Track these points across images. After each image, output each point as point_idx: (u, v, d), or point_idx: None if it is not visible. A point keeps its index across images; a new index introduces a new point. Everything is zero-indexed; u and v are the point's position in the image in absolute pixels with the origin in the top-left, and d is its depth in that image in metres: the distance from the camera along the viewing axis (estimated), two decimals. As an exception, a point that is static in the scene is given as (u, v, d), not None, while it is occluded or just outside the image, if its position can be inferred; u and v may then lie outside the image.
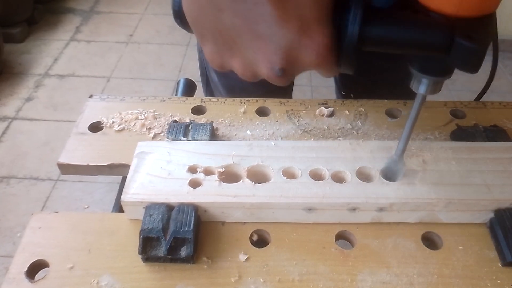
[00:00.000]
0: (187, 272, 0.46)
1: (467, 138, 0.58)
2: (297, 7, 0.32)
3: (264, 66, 0.35)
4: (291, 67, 0.35)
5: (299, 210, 0.49)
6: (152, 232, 0.46)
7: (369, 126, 0.62)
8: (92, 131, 0.62)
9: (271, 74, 0.35)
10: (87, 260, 0.47)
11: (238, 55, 0.36)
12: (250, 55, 0.35)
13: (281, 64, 0.34)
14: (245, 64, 0.36)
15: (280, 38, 0.33)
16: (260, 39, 0.33)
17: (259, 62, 0.35)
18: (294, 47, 0.33)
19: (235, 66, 0.37)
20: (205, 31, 0.35)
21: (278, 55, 0.34)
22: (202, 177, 0.51)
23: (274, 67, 0.34)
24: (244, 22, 0.33)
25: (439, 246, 0.49)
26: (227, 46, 0.35)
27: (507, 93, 2.07)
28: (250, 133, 0.61)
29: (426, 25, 0.35)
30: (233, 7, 0.32)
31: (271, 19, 0.32)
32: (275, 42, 0.33)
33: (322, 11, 0.33)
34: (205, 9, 0.33)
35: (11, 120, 1.95)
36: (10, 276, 0.46)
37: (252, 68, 0.36)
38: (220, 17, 0.33)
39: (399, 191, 0.49)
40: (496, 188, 0.49)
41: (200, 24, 0.35)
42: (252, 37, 0.33)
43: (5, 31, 2.28)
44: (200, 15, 0.34)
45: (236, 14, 0.33)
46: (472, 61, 0.34)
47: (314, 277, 0.46)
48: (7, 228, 1.53)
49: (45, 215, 0.52)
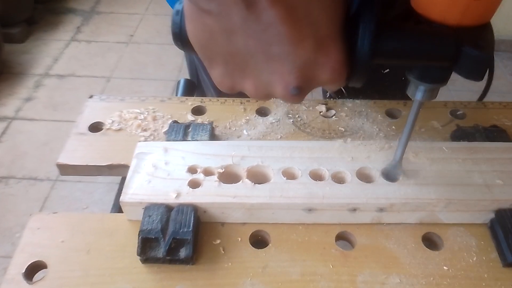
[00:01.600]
0: (186, 273, 0.46)
1: (467, 138, 0.57)
2: (311, 25, 0.31)
3: (279, 86, 0.34)
4: (306, 85, 0.35)
5: (299, 211, 0.49)
6: (151, 233, 0.46)
7: (369, 126, 0.62)
8: (92, 131, 0.62)
9: (287, 94, 0.35)
10: (86, 261, 0.47)
11: (251, 76, 0.35)
12: (264, 76, 0.34)
13: (296, 83, 0.34)
14: (258, 85, 0.35)
15: (295, 57, 0.32)
16: (274, 60, 0.33)
17: (273, 83, 0.34)
18: (310, 65, 0.33)
19: (247, 88, 0.36)
20: (215, 55, 0.34)
21: (294, 74, 0.33)
22: (201, 177, 0.51)
23: (290, 86, 0.34)
24: (258, 44, 0.32)
25: (440, 246, 0.49)
26: (238, 69, 0.34)
27: (507, 93, 2.07)
28: (250, 133, 0.61)
29: (434, 37, 0.35)
30: (246, 29, 0.31)
31: (285, 39, 0.31)
32: (290, 61, 0.33)
33: (336, 27, 0.33)
34: (216, 34, 0.32)
35: (11, 120, 1.95)
36: (8, 277, 0.46)
37: (266, 89, 0.35)
38: (232, 40, 0.32)
39: (399, 191, 0.49)
40: (496, 189, 0.49)
41: (209, 49, 0.34)
42: (266, 58, 0.33)
43: (5, 31, 2.28)
44: (209, 39, 0.33)
45: (249, 36, 0.32)
46: (480, 69, 0.35)
47: (314, 278, 0.45)
48: (6, 228, 1.52)
49: (44, 215, 0.51)
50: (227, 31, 0.32)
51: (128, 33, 2.54)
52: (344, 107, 0.66)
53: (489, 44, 0.35)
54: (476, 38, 0.34)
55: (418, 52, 0.36)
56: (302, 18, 0.31)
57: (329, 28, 0.32)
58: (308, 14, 0.31)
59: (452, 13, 0.33)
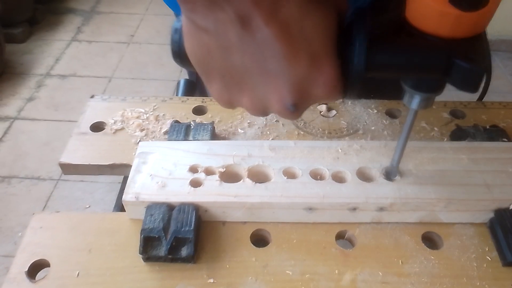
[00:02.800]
0: (188, 272, 0.46)
1: (467, 138, 0.58)
2: (305, 42, 0.32)
3: (275, 101, 0.35)
4: (302, 101, 0.35)
5: (300, 210, 0.49)
6: (153, 232, 0.46)
7: (369, 126, 0.62)
8: (94, 131, 0.62)
9: (283, 110, 0.35)
10: (87, 260, 0.47)
11: (248, 92, 0.35)
12: (260, 92, 0.35)
13: (292, 99, 0.34)
14: (255, 101, 0.36)
15: (290, 73, 0.33)
16: (270, 76, 0.33)
17: (270, 99, 0.35)
18: (305, 82, 0.34)
19: (244, 103, 0.36)
20: (212, 70, 0.35)
21: (290, 90, 0.34)
22: (203, 177, 0.51)
23: (286, 103, 0.35)
24: (254, 61, 0.33)
25: (439, 246, 0.49)
26: (235, 84, 0.35)
27: (507, 93, 2.07)
28: (251, 132, 0.62)
29: (426, 49, 0.35)
30: (242, 47, 0.32)
31: (280, 56, 0.32)
32: (286, 78, 0.33)
33: (329, 43, 0.33)
34: (213, 51, 0.33)
35: (13, 120, 1.95)
36: (10, 276, 0.46)
37: (263, 105, 0.36)
38: (228, 57, 0.33)
39: (399, 191, 0.49)
40: (496, 188, 0.49)
41: (206, 65, 0.35)
42: (262, 74, 0.33)
43: (6, 31, 2.28)
44: (206, 56, 0.34)
45: (244, 53, 0.32)
46: (472, 81, 0.35)
47: (315, 277, 0.46)
48: (8, 228, 1.53)
49: (46, 215, 0.52)
50: (224, 48, 0.32)
51: (129, 33, 2.55)
52: (344, 107, 0.66)
53: (481, 55, 0.35)
54: (468, 50, 0.34)
55: (410, 65, 0.36)
56: (296, 35, 0.32)
57: (322, 44, 0.33)
58: (302, 32, 0.32)
59: (444, 26, 0.33)
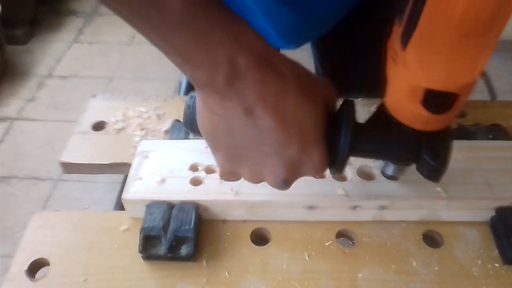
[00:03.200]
0: (188, 271, 0.46)
1: (468, 137, 0.57)
2: (299, 132, 0.37)
3: (270, 177, 0.41)
4: (292, 177, 0.41)
5: (300, 208, 0.49)
6: (153, 231, 0.46)
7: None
8: (95, 130, 0.62)
9: (275, 184, 0.41)
10: (87, 259, 0.47)
11: (247, 166, 0.41)
12: (257, 168, 0.40)
13: (284, 177, 0.40)
14: (252, 174, 0.41)
15: (283, 156, 0.38)
16: (267, 156, 0.39)
17: (265, 173, 0.41)
18: (296, 163, 0.39)
19: (244, 174, 0.42)
20: (218, 145, 0.40)
21: (282, 169, 0.39)
22: (203, 175, 0.51)
23: (279, 179, 0.40)
24: (253, 142, 0.38)
25: (440, 244, 0.49)
26: (237, 159, 0.40)
27: (507, 93, 2.07)
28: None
29: (399, 142, 0.42)
30: (245, 130, 0.37)
31: (276, 142, 0.37)
32: (279, 159, 0.39)
33: (319, 133, 0.38)
34: (220, 130, 0.38)
35: (13, 120, 1.95)
36: (10, 275, 0.46)
37: (259, 177, 0.42)
38: (232, 137, 0.38)
39: (400, 189, 0.49)
40: (497, 187, 0.49)
41: (214, 140, 0.40)
42: (260, 154, 0.39)
43: (8, 32, 2.28)
44: (214, 133, 0.39)
45: (246, 136, 0.37)
46: (435, 175, 0.42)
47: (315, 276, 0.46)
48: (7, 228, 1.53)
49: (46, 214, 0.52)
50: (229, 130, 0.38)
51: (130, 34, 2.54)
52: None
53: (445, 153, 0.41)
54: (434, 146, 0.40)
55: (386, 152, 0.43)
56: (290, 125, 0.37)
57: (312, 133, 0.38)
58: (296, 122, 0.37)
59: (417, 122, 0.39)
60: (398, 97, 0.39)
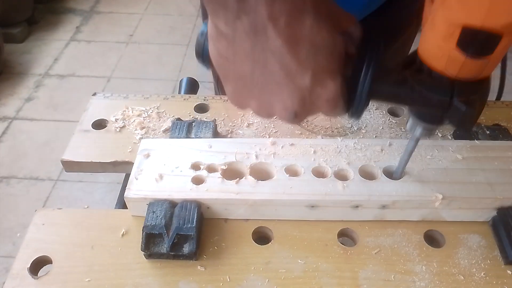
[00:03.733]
0: (190, 269, 0.46)
1: (470, 137, 0.58)
2: (313, 58, 0.34)
3: (279, 109, 0.38)
4: (303, 111, 0.38)
5: (302, 207, 0.49)
6: (155, 229, 0.46)
7: (372, 124, 0.63)
8: (96, 128, 0.62)
9: (285, 117, 0.38)
10: (90, 257, 0.47)
11: (255, 97, 0.38)
12: (266, 99, 0.38)
13: (294, 109, 0.37)
14: (261, 106, 0.39)
15: (295, 85, 0.36)
16: (277, 86, 0.36)
17: (274, 105, 0.38)
18: (308, 95, 0.36)
19: (252, 106, 0.39)
20: (228, 74, 0.38)
21: (292, 100, 0.37)
22: (205, 174, 0.51)
23: (289, 111, 0.38)
24: (263, 71, 0.35)
25: (442, 244, 0.49)
26: (246, 89, 0.38)
27: (507, 93, 2.07)
28: (253, 130, 0.62)
29: (428, 86, 0.37)
30: (254, 56, 0.35)
31: (288, 69, 0.35)
32: (290, 89, 0.36)
33: (335, 63, 0.35)
34: (230, 57, 0.36)
35: (11, 120, 1.95)
36: (13, 272, 0.46)
37: (268, 110, 0.39)
38: (241, 65, 0.36)
39: (401, 188, 0.49)
40: (498, 187, 0.50)
41: (223, 68, 0.38)
42: (270, 83, 0.36)
43: (5, 31, 2.28)
44: (225, 61, 0.37)
45: (255, 63, 0.35)
46: (466, 123, 0.38)
47: (317, 274, 0.46)
48: (7, 228, 1.52)
49: (48, 211, 0.52)
50: (238, 56, 0.35)
51: (128, 33, 2.54)
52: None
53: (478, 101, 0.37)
54: (467, 92, 0.36)
55: (410, 98, 0.39)
56: (304, 50, 0.34)
57: (328, 63, 0.35)
58: (310, 48, 0.34)
59: (450, 67, 0.35)
60: (433, 41, 0.35)
